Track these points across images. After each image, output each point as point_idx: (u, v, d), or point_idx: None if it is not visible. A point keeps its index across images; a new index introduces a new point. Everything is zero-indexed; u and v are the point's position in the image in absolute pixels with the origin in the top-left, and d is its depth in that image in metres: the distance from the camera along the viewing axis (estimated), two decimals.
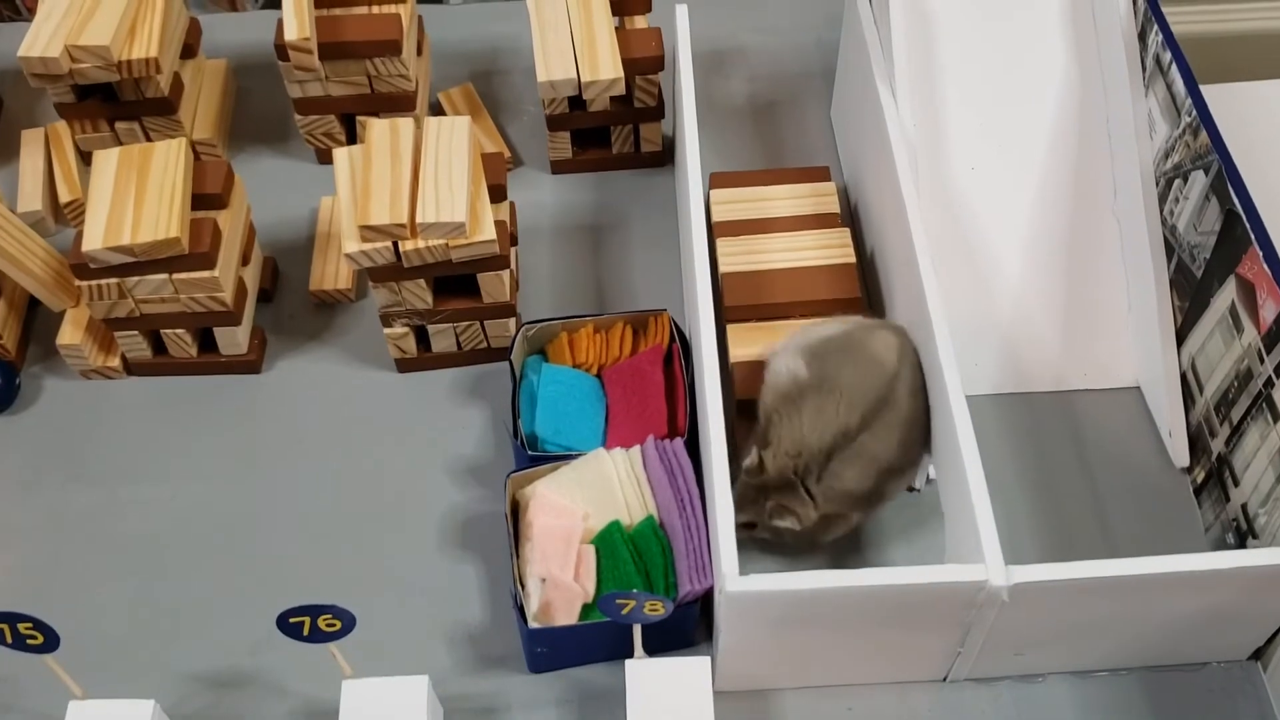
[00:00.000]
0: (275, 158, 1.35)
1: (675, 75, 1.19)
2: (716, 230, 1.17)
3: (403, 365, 1.17)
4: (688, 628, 0.98)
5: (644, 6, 1.27)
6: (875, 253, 1.18)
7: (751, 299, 1.11)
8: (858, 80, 1.21)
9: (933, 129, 1.17)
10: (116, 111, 1.25)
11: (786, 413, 0.97)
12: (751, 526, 0.99)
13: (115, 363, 1.16)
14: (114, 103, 1.24)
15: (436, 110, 1.38)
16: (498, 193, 1.10)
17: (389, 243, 1.04)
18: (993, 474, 0.89)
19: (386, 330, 1.13)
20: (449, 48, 1.44)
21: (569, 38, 1.22)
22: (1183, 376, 1.07)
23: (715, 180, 1.21)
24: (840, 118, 1.33)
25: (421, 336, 1.15)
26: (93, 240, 1.05)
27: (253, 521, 1.08)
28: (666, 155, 1.32)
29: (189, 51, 1.29)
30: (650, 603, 0.86)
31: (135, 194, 1.08)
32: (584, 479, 1.00)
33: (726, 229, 1.17)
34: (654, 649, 0.93)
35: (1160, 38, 1.08)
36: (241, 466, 1.11)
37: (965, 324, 1.11)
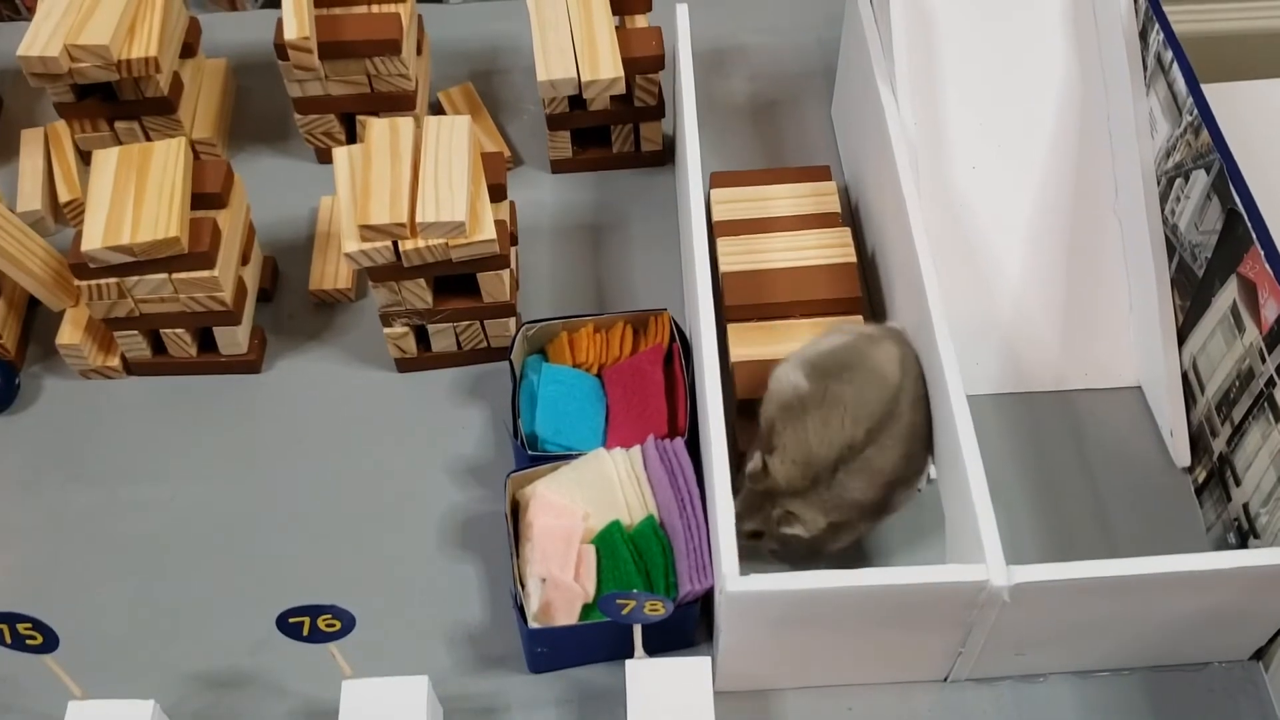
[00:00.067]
0: (275, 157, 1.35)
1: (675, 74, 1.19)
2: (717, 230, 1.17)
3: (403, 365, 1.17)
4: (688, 628, 0.98)
5: (644, 5, 1.27)
6: (876, 252, 1.17)
7: (752, 298, 1.11)
8: (858, 79, 1.21)
9: (933, 128, 1.17)
10: (116, 111, 1.25)
11: (790, 423, 0.97)
12: (758, 535, 0.99)
13: (115, 362, 1.16)
14: (113, 102, 1.24)
15: (436, 109, 1.37)
16: (498, 192, 1.10)
17: (389, 242, 1.04)
18: (993, 474, 0.89)
19: (386, 330, 1.13)
20: (449, 47, 1.44)
21: (569, 37, 1.22)
22: (1184, 376, 1.07)
23: (716, 179, 1.21)
24: (841, 117, 1.33)
25: (421, 336, 1.15)
26: (92, 240, 1.05)
27: (253, 521, 1.08)
28: (667, 154, 1.32)
29: (189, 51, 1.29)
30: (650, 603, 0.86)
31: (135, 193, 1.08)
32: (584, 479, 1.00)
33: (727, 228, 1.17)
34: (654, 649, 0.92)
35: (1161, 36, 1.08)
36: (241, 466, 1.11)
37: (966, 323, 1.11)
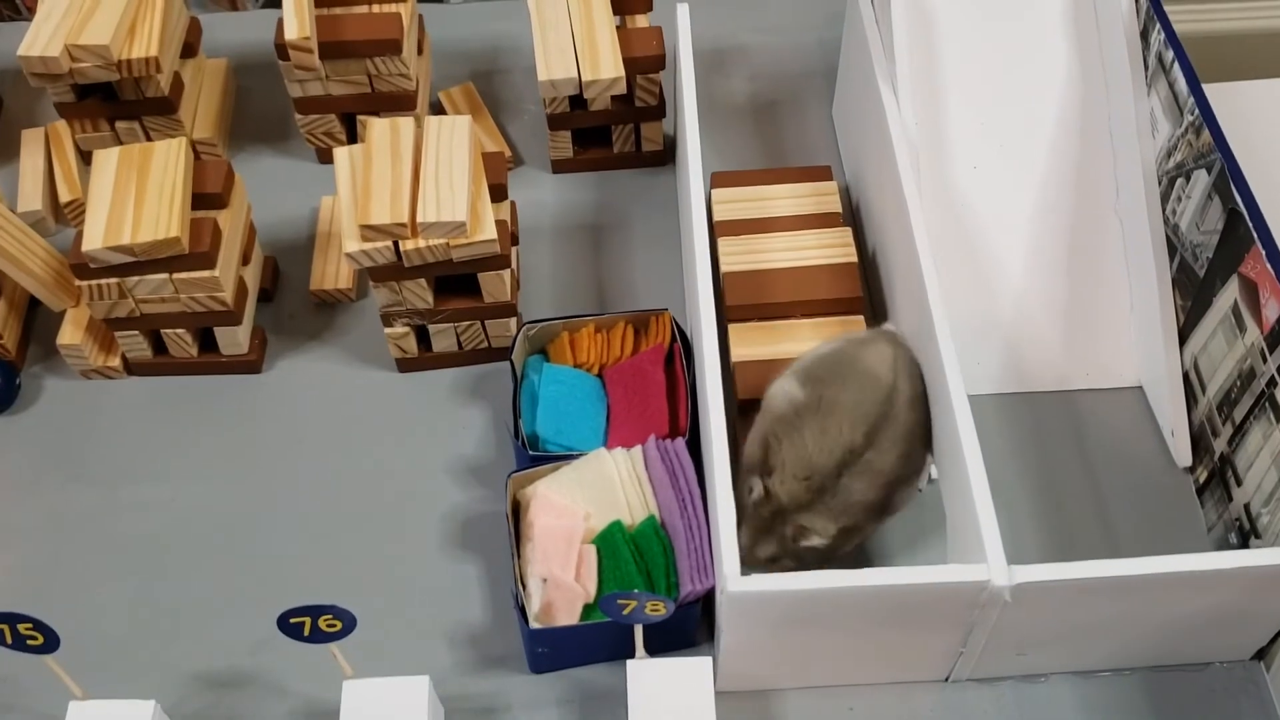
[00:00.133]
0: (275, 157, 1.35)
1: (676, 74, 1.19)
2: (718, 229, 1.17)
3: (403, 365, 1.17)
4: (689, 628, 0.98)
5: (645, 5, 1.27)
6: (877, 252, 1.17)
7: (753, 298, 1.11)
8: (859, 79, 1.21)
9: (934, 128, 1.17)
10: (116, 111, 1.25)
11: (788, 436, 0.96)
12: (774, 560, 0.97)
13: (115, 363, 1.16)
14: (114, 102, 1.24)
15: (437, 109, 1.37)
16: (498, 192, 1.10)
17: (389, 242, 1.04)
18: (995, 474, 0.89)
19: (387, 330, 1.13)
20: (449, 47, 1.44)
21: (570, 36, 1.22)
22: (1185, 376, 1.07)
23: (716, 179, 1.21)
24: (842, 117, 1.33)
25: (422, 336, 1.15)
26: (93, 240, 1.05)
27: (253, 521, 1.08)
28: (668, 154, 1.32)
29: (189, 51, 1.29)
30: (652, 603, 0.86)
31: (135, 193, 1.08)
32: (585, 479, 1.00)
33: (728, 228, 1.17)
34: (655, 649, 0.92)
35: (1162, 36, 1.07)
36: (241, 466, 1.11)
37: (967, 323, 1.11)
